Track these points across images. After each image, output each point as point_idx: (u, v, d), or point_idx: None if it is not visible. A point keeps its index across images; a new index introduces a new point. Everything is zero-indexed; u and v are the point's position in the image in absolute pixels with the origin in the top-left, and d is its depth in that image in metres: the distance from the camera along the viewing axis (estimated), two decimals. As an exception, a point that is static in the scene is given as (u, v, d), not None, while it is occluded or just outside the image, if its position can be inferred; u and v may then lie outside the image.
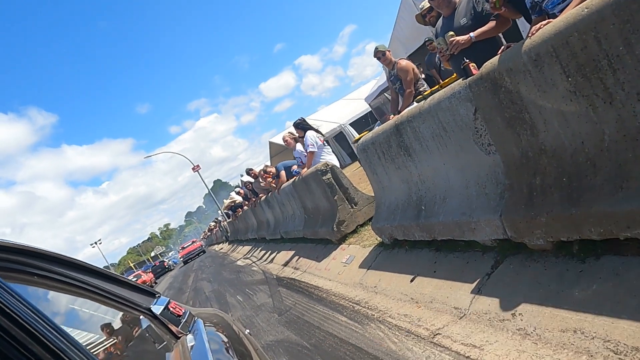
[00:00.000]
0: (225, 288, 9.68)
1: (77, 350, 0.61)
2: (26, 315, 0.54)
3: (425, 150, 3.85)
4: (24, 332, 0.52)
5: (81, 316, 1.10)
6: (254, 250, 13.56)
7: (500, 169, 3.03)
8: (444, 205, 3.74)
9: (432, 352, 2.80)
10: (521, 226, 2.78)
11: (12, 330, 0.51)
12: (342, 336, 3.76)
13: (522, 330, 2.43)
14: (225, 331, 1.60)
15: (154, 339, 1.28)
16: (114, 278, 1.20)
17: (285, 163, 9.91)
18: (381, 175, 4.87)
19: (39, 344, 0.53)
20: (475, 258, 3.34)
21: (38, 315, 0.58)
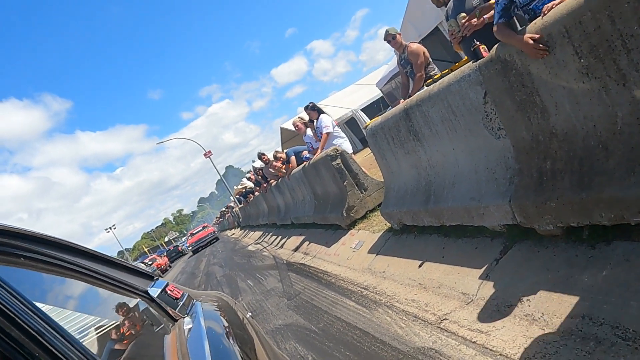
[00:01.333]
0: (237, 273, 9.76)
1: (56, 333, 0.60)
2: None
3: (434, 135, 3.79)
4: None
5: (75, 299, 1.10)
6: (265, 235, 13.63)
7: (510, 154, 2.98)
8: (453, 191, 3.69)
9: (438, 337, 2.79)
10: (531, 211, 2.74)
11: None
12: (350, 321, 3.76)
13: (530, 316, 2.40)
14: (227, 315, 1.60)
15: (152, 321, 1.28)
16: (110, 261, 1.20)
17: (295, 148, 9.88)
18: (390, 160, 4.83)
19: (16, 327, 0.52)
20: (484, 243, 3.30)
21: (14, 296, 0.58)
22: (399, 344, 2.95)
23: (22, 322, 0.55)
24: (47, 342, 0.56)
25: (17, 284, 0.64)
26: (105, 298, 1.19)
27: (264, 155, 11.77)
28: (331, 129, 7.58)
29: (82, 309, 1.09)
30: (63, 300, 1.03)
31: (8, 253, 0.75)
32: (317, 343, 3.70)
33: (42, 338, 0.56)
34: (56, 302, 0.97)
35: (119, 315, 1.28)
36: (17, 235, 0.79)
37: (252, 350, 1.42)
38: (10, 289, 0.59)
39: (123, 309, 1.29)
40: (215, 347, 1.12)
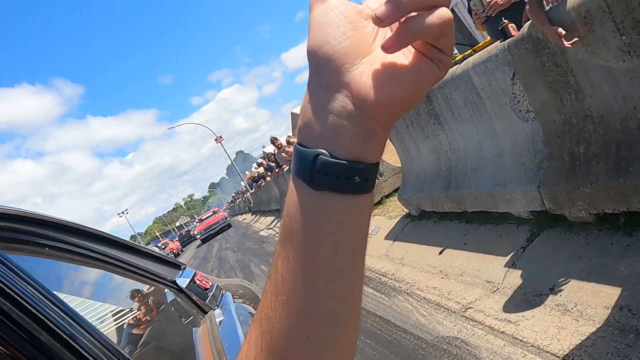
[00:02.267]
0: (249, 258, 9.77)
1: (84, 331, 0.54)
2: (20, 289, 0.47)
3: (456, 118, 3.68)
4: (17, 307, 0.45)
5: (103, 289, 1.04)
6: (277, 220, 13.62)
7: (539, 137, 2.86)
8: (476, 176, 3.59)
9: (463, 326, 2.71)
10: (561, 197, 2.63)
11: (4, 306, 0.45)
12: (369, 308, 3.70)
13: (562, 306, 2.32)
14: (253, 303, 1.54)
15: (180, 313, 1.22)
16: (136, 249, 1.13)
17: (308, 133, 9.80)
18: (409, 144, 4.72)
19: (35, 321, 0.46)
20: (509, 230, 3.21)
21: (37, 289, 0.51)
22: (422, 333, 2.88)
23: (43, 315, 0.48)
24: (70, 337, 0.50)
25: (40, 274, 0.58)
26: (133, 288, 1.12)
27: (276, 140, 11.69)
28: None
29: (110, 300, 1.03)
30: (90, 290, 0.96)
31: (32, 242, 0.68)
32: (336, 330, 3.65)
33: (64, 333, 0.50)
34: (82, 293, 0.91)
35: (146, 306, 1.22)
36: (41, 223, 0.72)
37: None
38: (33, 281, 0.52)
39: (151, 300, 1.23)
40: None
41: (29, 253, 0.68)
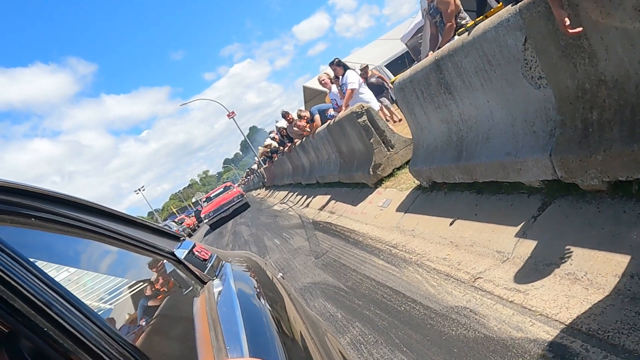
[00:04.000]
0: (263, 232, 9.86)
1: (61, 298, 0.53)
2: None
3: (467, 87, 3.59)
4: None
5: (98, 261, 1.04)
6: (290, 195, 13.68)
7: (552, 104, 2.78)
8: (487, 145, 3.53)
9: (472, 296, 2.71)
10: (573, 165, 2.57)
11: None
12: (380, 279, 3.72)
13: (572, 274, 2.29)
14: (257, 275, 1.54)
15: (180, 284, 1.22)
16: (132, 221, 1.13)
17: (319, 106, 9.70)
18: (419, 115, 4.65)
19: (8, 288, 0.46)
20: (520, 200, 3.16)
21: (13, 257, 0.51)
22: (431, 303, 2.89)
23: (17, 283, 0.48)
24: (45, 305, 0.50)
25: (23, 244, 0.58)
26: (130, 260, 1.13)
27: (288, 115, 11.62)
28: (356, 86, 7.39)
29: (106, 271, 1.04)
30: (85, 262, 0.97)
31: (17, 213, 0.67)
32: (346, 301, 3.68)
33: (39, 300, 0.49)
34: (78, 264, 0.91)
35: (145, 277, 1.23)
36: (26, 193, 0.72)
37: (283, 310, 1.36)
38: (9, 250, 0.51)
39: (149, 271, 1.24)
40: (247, 309, 1.06)
41: (13, 223, 0.67)
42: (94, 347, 0.55)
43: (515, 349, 2.09)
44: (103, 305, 0.98)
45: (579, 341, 1.90)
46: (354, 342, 2.96)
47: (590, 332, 1.90)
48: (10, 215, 0.66)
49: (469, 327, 2.44)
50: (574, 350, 1.87)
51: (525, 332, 2.16)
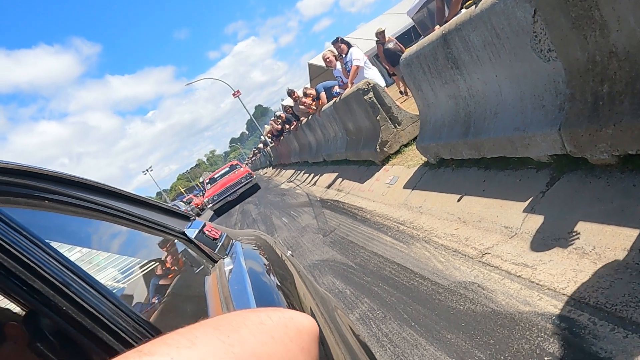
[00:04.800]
0: (271, 211, 9.92)
1: (78, 278, 0.55)
2: (11, 239, 0.48)
3: (475, 62, 3.54)
4: (9, 256, 0.47)
5: (111, 241, 1.06)
6: (297, 173, 13.70)
7: (561, 78, 2.74)
8: (495, 121, 3.50)
9: (480, 272, 2.73)
10: (583, 139, 2.55)
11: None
12: (387, 256, 3.75)
13: (580, 249, 2.29)
14: (266, 253, 1.56)
15: (191, 263, 1.25)
16: (144, 202, 1.15)
17: (325, 84, 9.63)
18: (426, 91, 4.60)
19: (27, 269, 0.47)
20: (529, 175, 3.15)
21: (30, 239, 0.52)
22: (439, 278, 2.91)
23: (35, 264, 0.49)
24: (63, 284, 0.51)
25: (38, 226, 0.59)
26: (142, 240, 1.15)
27: (293, 93, 11.56)
28: (361, 62, 7.31)
29: (118, 251, 1.06)
30: (98, 243, 0.99)
31: (30, 196, 0.69)
32: (355, 278, 3.72)
33: (57, 280, 0.51)
34: (91, 245, 0.93)
35: (156, 257, 1.26)
36: (39, 176, 0.73)
37: (292, 286, 1.39)
38: (25, 231, 0.53)
39: (160, 251, 1.26)
40: (257, 286, 1.08)
41: (27, 206, 0.69)
42: (112, 324, 0.57)
43: (523, 323, 2.11)
44: (117, 285, 1.00)
45: (587, 314, 1.92)
46: (362, 317, 3.01)
47: (598, 305, 1.91)
48: (24, 198, 0.67)
49: (476, 302, 2.47)
50: (582, 324, 1.89)
51: (533, 306, 2.18)
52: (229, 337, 0.30)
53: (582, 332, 1.85)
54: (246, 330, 0.32)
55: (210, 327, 0.31)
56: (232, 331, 0.31)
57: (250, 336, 0.32)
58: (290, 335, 0.35)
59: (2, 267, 0.49)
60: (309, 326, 0.38)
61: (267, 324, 0.34)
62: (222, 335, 0.30)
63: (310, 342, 0.36)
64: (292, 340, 0.34)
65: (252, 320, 0.34)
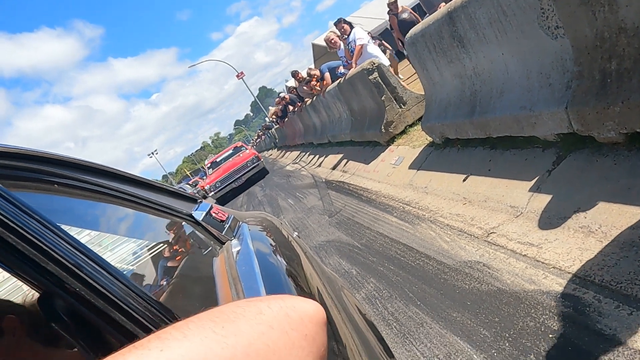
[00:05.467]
0: (277, 192, 9.95)
1: (89, 260, 0.56)
2: (24, 223, 0.49)
3: (481, 40, 3.50)
4: (22, 240, 0.48)
5: (120, 224, 1.07)
6: (302, 155, 13.70)
7: (569, 55, 2.71)
8: (501, 100, 3.47)
9: (485, 251, 2.74)
10: (590, 117, 2.52)
11: (9, 238, 0.47)
12: (393, 236, 3.77)
13: (586, 227, 2.29)
14: (273, 235, 1.57)
15: (199, 244, 1.26)
16: (151, 185, 1.15)
17: (329, 64, 9.55)
18: (432, 70, 4.56)
19: (40, 252, 0.49)
20: (535, 155, 3.13)
21: (42, 222, 0.53)
22: (445, 258, 2.93)
23: (48, 247, 0.51)
24: (75, 266, 0.53)
25: (48, 209, 0.60)
26: (150, 223, 1.16)
27: (297, 73, 11.48)
28: (365, 41, 7.24)
29: (127, 234, 1.07)
30: (107, 225, 1.00)
31: (40, 180, 0.70)
32: (361, 258, 3.75)
33: (69, 262, 0.52)
34: (100, 228, 0.95)
35: (164, 239, 1.27)
36: (48, 160, 0.74)
37: (299, 267, 1.40)
38: (37, 215, 0.54)
39: (168, 233, 1.28)
40: (265, 267, 1.09)
41: (37, 190, 0.70)
42: (124, 305, 0.58)
43: (528, 301, 2.13)
44: (127, 266, 1.02)
45: (592, 292, 1.93)
46: (368, 297, 3.04)
47: (603, 283, 1.92)
48: (34, 182, 0.68)
49: (482, 281, 2.49)
50: (587, 301, 1.90)
51: (538, 285, 2.19)
52: (224, 329, 0.31)
53: (587, 310, 1.87)
54: (243, 321, 0.32)
55: (206, 320, 0.31)
56: (227, 322, 0.31)
57: (246, 327, 0.32)
58: (292, 323, 0.35)
59: (15, 250, 0.50)
60: (313, 313, 0.38)
61: (267, 314, 0.34)
62: (217, 327, 0.30)
63: (314, 329, 0.36)
64: (294, 329, 0.34)
65: (250, 311, 0.34)
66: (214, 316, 0.32)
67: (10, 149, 0.65)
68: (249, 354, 0.30)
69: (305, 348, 0.34)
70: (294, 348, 0.33)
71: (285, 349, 0.33)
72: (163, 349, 0.27)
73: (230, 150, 18.32)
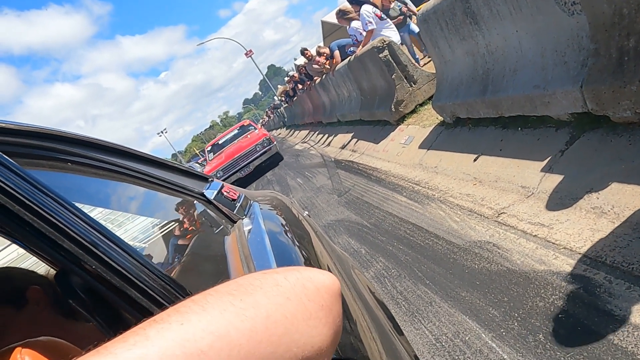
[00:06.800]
0: (286, 172, 9.97)
1: (104, 237, 0.57)
2: (39, 200, 0.49)
3: (495, 17, 3.42)
4: (38, 217, 0.49)
5: (133, 202, 1.08)
6: (311, 134, 13.66)
7: (585, 32, 2.64)
8: (514, 78, 3.41)
9: (496, 231, 2.73)
10: (606, 96, 2.47)
11: (25, 216, 0.47)
12: (402, 216, 3.77)
13: (598, 208, 2.27)
14: (283, 214, 1.58)
15: (211, 223, 1.27)
16: (163, 164, 1.16)
17: (339, 42, 9.43)
18: (443, 48, 4.48)
19: (56, 229, 0.50)
20: (548, 134, 3.09)
21: (57, 200, 0.53)
22: (454, 238, 2.93)
23: (63, 224, 0.51)
24: (91, 244, 0.54)
25: (62, 187, 0.60)
26: (162, 201, 1.17)
27: (306, 51, 11.34)
28: (374, 25, 7.07)
29: (140, 212, 1.08)
30: (120, 204, 1.01)
31: (54, 158, 0.70)
32: (370, 237, 3.76)
33: (85, 240, 0.53)
34: (114, 206, 0.95)
35: (176, 217, 1.28)
36: (62, 139, 0.74)
37: (310, 245, 1.41)
38: (52, 193, 0.54)
39: (180, 212, 1.29)
40: (276, 245, 1.10)
41: (51, 168, 0.70)
42: (139, 282, 0.59)
43: (538, 281, 2.13)
44: (140, 244, 1.03)
45: (603, 273, 1.92)
46: (377, 276, 3.06)
47: (615, 264, 1.91)
48: (48, 160, 0.68)
49: (491, 261, 2.49)
50: (597, 282, 1.90)
51: (549, 265, 2.19)
52: (242, 301, 0.31)
53: (597, 291, 1.86)
54: (261, 293, 0.32)
55: (223, 292, 0.32)
56: (245, 294, 0.32)
57: (264, 299, 0.32)
58: (309, 294, 0.35)
59: (32, 228, 0.51)
60: (329, 284, 0.38)
61: (284, 285, 0.34)
62: (235, 299, 0.31)
63: (331, 300, 0.37)
64: (311, 300, 0.35)
65: (267, 283, 0.34)
66: (232, 289, 0.32)
67: (25, 127, 0.65)
68: (267, 325, 0.30)
69: (322, 318, 0.35)
70: (311, 319, 0.34)
71: (302, 320, 0.33)
72: (183, 322, 0.28)
73: (235, 130, 14.69)
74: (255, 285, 0.33)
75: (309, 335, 0.33)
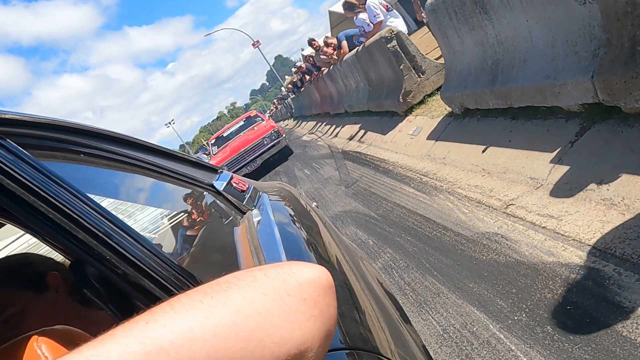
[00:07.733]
0: (293, 162, 9.97)
1: (118, 229, 0.57)
2: (54, 192, 0.50)
3: (505, 6, 3.38)
4: (53, 208, 0.51)
5: (144, 194, 1.09)
6: (319, 125, 13.63)
7: (597, 22, 2.60)
8: (524, 69, 3.37)
9: (504, 223, 2.73)
10: (617, 87, 2.45)
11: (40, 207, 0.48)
12: (410, 207, 3.77)
13: (608, 200, 2.26)
14: (292, 205, 1.59)
15: (220, 214, 1.28)
16: (173, 155, 1.17)
17: (346, 32, 9.36)
18: (452, 38, 4.44)
19: (71, 220, 0.52)
20: (557, 125, 3.06)
21: (71, 191, 0.54)
22: (462, 229, 2.92)
23: (78, 215, 0.52)
24: (105, 235, 0.55)
25: (75, 178, 0.61)
26: (172, 192, 1.18)
27: (314, 42, 11.27)
28: (382, 17, 7.03)
29: (150, 203, 1.09)
30: (131, 195, 1.02)
31: (67, 150, 0.71)
32: (377, 228, 3.77)
33: (99, 231, 0.54)
34: (125, 197, 0.96)
35: (186, 208, 1.29)
36: (74, 131, 0.75)
37: (318, 236, 1.42)
38: (67, 184, 0.55)
39: (190, 203, 1.30)
40: (285, 236, 1.10)
41: (64, 160, 0.71)
42: (151, 271, 0.60)
43: (546, 273, 2.12)
44: (151, 235, 1.04)
45: (612, 265, 1.91)
46: (385, 267, 3.07)
47: (624, 256, 1.90)
48: (62, 152, 0.69)
49: (499, 252, 2.48)
50: (606, 274, 1.89)
51: (557, 257, 2.18)
52: (212, 298, 0.31)
53: (607, 283, 1.86)
54: (234, 290, 0.33)
55: (199, 291, 0.32)
56: (218, 292, 0.32)
57: (236, 295, 0.32)
58: (289, 289, 0.35)
59: (47, 218, 0.51)
60: (314, 277, 0.37)
61: (261, 281, 0.34)
62: (206, 298, 0.31)
63: (316, 292, 0.36)
64: (291, 294, 0.34)
65: (245, 280, 0.34)
66: (208, 287, 0.33)
67: (39, 119, 0.66)
68: (236, 321, 0.30)
69: (304, 312, 0.34)
70: (290, 313, 0.33)
71: (279, 315, 0.33)
72: (149, 321, 0.28)
73: (241, 122, 13.66)
74: (231, 283, 0.33)
75: (288, 330, 0.32)
